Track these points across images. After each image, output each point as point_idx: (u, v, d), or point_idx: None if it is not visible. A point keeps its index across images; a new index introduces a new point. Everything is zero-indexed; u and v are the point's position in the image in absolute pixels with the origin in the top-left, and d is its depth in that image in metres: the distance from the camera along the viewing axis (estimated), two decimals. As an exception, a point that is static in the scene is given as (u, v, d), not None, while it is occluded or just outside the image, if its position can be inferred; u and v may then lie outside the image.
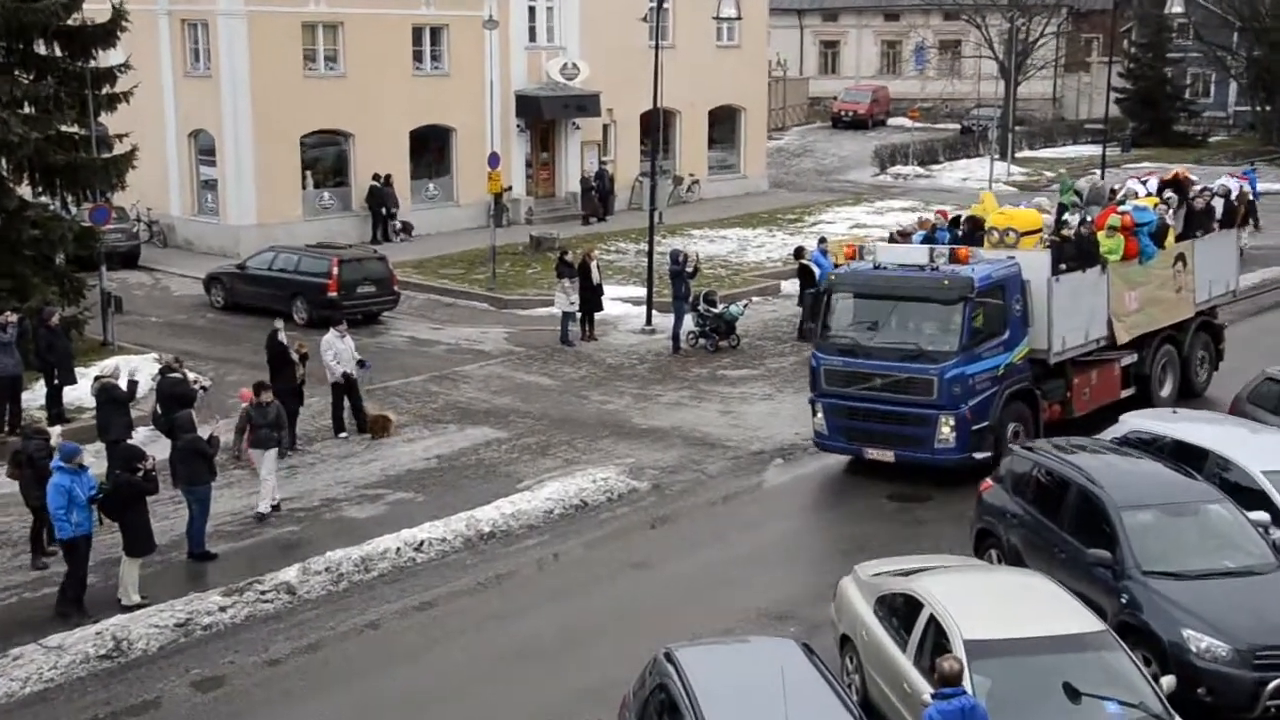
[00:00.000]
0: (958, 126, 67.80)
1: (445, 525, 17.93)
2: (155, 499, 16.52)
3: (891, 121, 71.50)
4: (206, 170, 37.97)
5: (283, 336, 21.39)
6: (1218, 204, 24.24)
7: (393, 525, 18.03)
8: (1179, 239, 22.43)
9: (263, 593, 16.02)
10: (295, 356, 21.32)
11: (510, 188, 41.23)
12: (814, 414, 19.75)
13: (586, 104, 42.89)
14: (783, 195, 50.45)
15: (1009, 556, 15.24)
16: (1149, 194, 23.98)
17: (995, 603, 12.13)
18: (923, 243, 21.61)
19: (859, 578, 13.59)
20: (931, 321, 18.80)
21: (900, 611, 12.37)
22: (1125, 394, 21.34)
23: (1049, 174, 56.34)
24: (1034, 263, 19.59)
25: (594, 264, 28.52)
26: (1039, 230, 20.77)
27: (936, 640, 11.53)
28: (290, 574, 16.36)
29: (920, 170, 56.47)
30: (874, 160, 58.45)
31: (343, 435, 22.11)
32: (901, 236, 23.17)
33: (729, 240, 39.66)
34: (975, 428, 18.63)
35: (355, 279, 29.60)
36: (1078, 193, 24.90)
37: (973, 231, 21.46)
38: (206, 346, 28.02)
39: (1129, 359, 21.53)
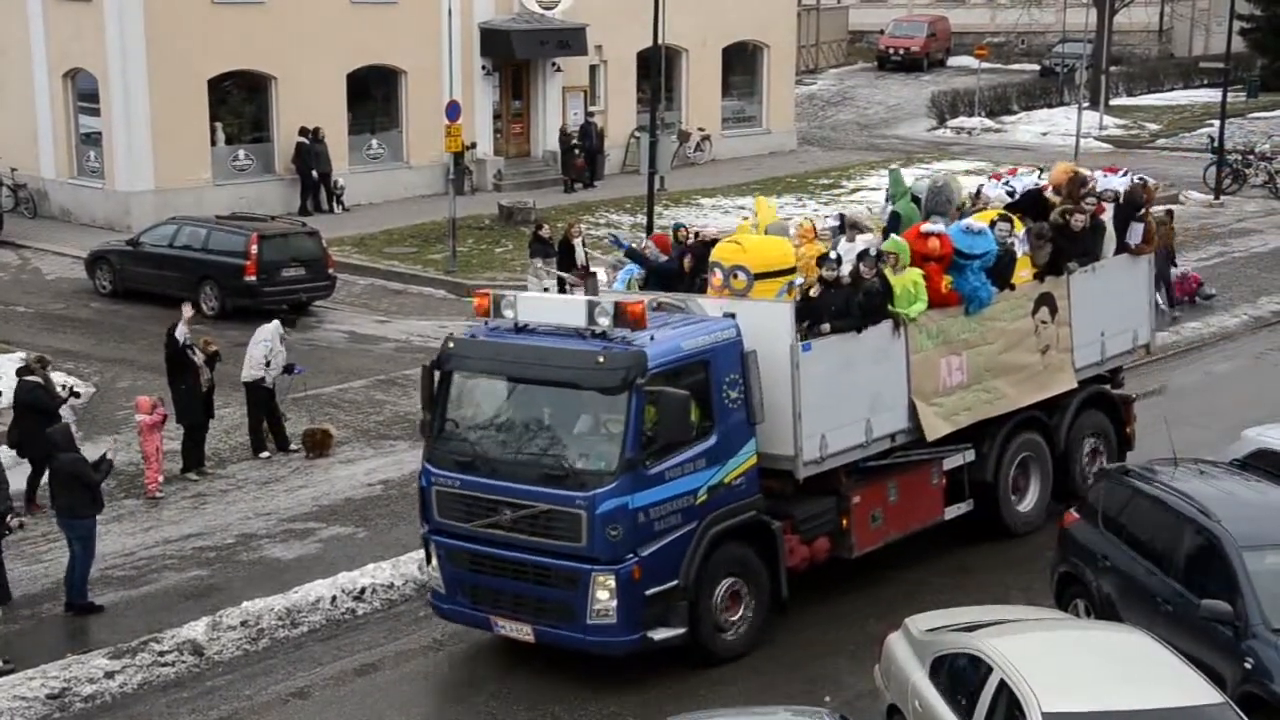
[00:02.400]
0: (1037, 67, 67.98)
1: (393, 568, 17.95)
2: (19, 536, 16.53)
3: (952, 61, 71.71)
4: (87, 121, 38.02)
5: (183, 331, 21.41)
6: (1106, 215, 19.81)
7: (327, 568, 18.03)
8: (1045, 273, 18.85)
9: (161, 654, 16.00)
10: (199, 356, 21.33)
11: (474, 145, 41.30)
12: (428, 560, 16.12)
13: (569, 40, 42.95)
14: (815, 155, 50.56)
15: (1100, 608, 15.26)
16: (1012, 199, 19.94)
17: (1082, 666, 12.15)
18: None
19: (911, 634, 13.62)
20: (583, 421, 15.34)
21: (963, 676, 12.39)
22: (954, 512, 18.25)
23: (1153, 126, 56.50)
24: (767, 322, 15.96)
25: (578, 240, 28.58)
26: (789, 270, 16.92)
27: (1008, 713, 11.54)
28: (197, 630, 16.34)
29: (989, 123, 56.60)
30: (930, 110, 58.59)
31: (264, 455, 22.16)
32: (852, 228, 19.52)
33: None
34: (653, 592, 14.90)
35: (279, 259, 29.64)
36: (915, 196, 19.80)
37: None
38: (91, 344, 28.03)
39: (958, 459, 18.21)
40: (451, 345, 16.12)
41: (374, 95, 41.19)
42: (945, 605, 15.23)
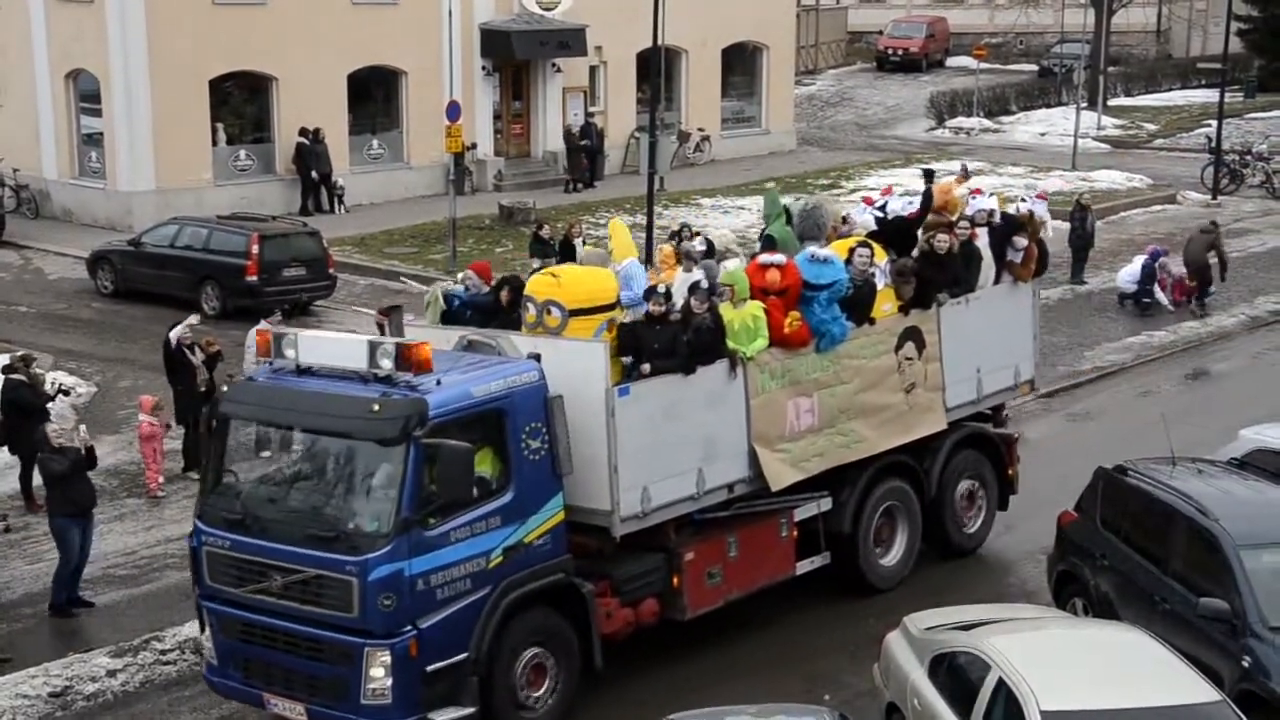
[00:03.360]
0: (1035, 68, 67.94)
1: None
2: (22, 535, 16.44)
3: (951, 62, 71.66)
4: (89, 122, 37.97)
5: (178, 333, 21.37)
6: (981, 240, 18.24)
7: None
8: (912, 304, 17.33)
9: (163, 653, 16.04)
10: (197, 357, 21.29)
11: (474, 146, 41.26)
12: (201, 628, 14.60)
13: (569, 41, 42.92)
14: (814, 155, 50.54)
15: (1098, 606, 15.27)
16: (883, 216, 18.46)
17: (1081, 665, 12.16)
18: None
19: (910, 632, 13.63)
20: (358, 476, 13.85)
21: (962, 675, 12.40)
22: (807, 567, 16.83)
23: (1150, 127, 56.50)
24: (579, 364, 14.55)
25: (579, 241, 28.57)
26: (609, 306, 15.36)
27: (1007, 711, 11.55)
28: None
29: (987, 123, 56.59)
30: (929, 111, 58.57)
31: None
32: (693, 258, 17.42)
33: (747, 211, 39.68)
34: (436, 668, 13.44)
35: (280, 259, 29.61)
36: (787, 214, 18.44)
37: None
38: (93, 343, 28.03)
39: (812, 508, 16.72)
40: (226, 389, 15.14)
41: (374, 96, 41.15)
42: (944, 604, 15.23)
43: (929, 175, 20.01)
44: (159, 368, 22.82)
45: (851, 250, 16.71)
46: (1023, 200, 19.95)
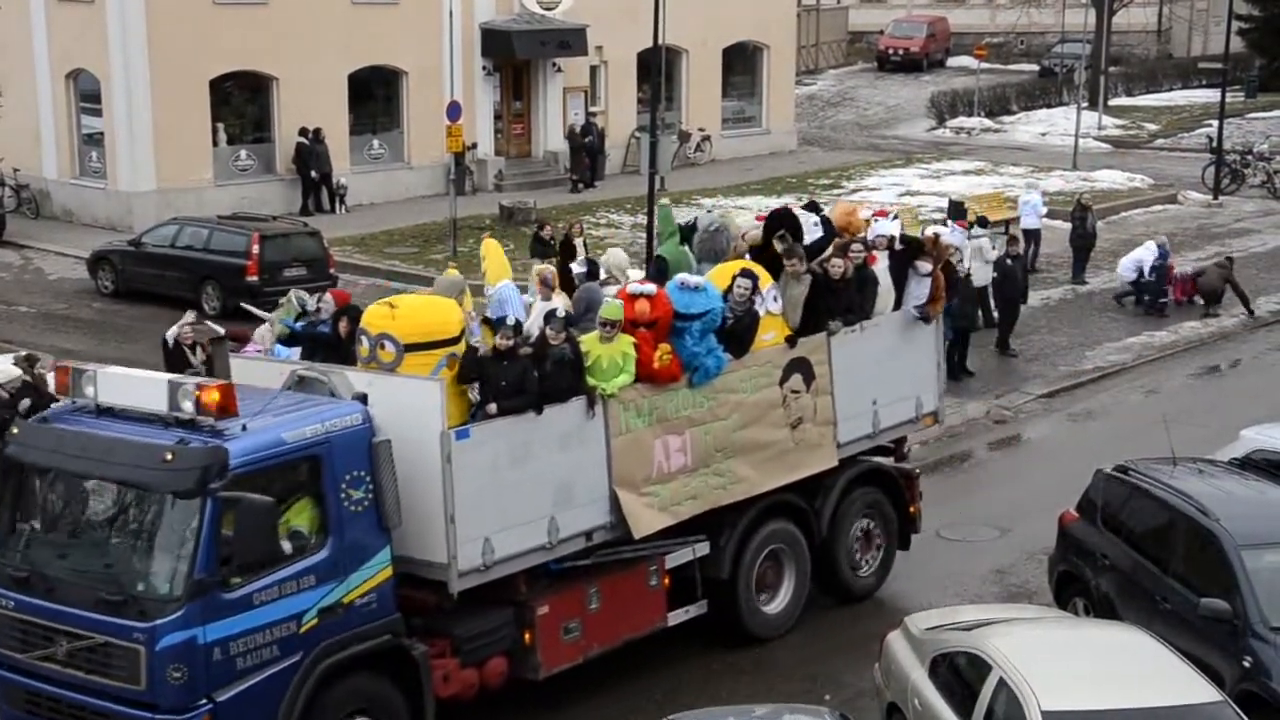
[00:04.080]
0: (1036, 67, 67.92)
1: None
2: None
3: (952, 62, 71.63)
4: (90, 122, 37.98)
5: (174, 332, 21.34)
6: (880, 265, 17.03)
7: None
8: (800, 334, 16.08)
9: None
10: (197, 357, 21.26)
11: (474, 146, 41.26)
12: None
13: (570, 40, 42.91)
14: (815, 155, 50.52)
15: (1099, 606, 15.28)
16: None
17: (1081, 665, 12.15)
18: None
19: (910, 632, 13.62)
20: (151, 532, 12.54)
21: (962, 675, 12.40)
22: (680, 617, 15.58)
23: (1151, 126, 56.49)
24: (413, 404, 13.33)
25: (579, 241, 28.54)
26: (452, 340, 13.94)
27: (1007, 711, 11.56)
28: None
29: (988, 123, 56.59)
30: (930, 111, 58.55)
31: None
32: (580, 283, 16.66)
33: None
34: None
35: (281, 259, 29.63)
36: (684, 233, 17.16)
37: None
38: (93, 344, 28.02)
39: (686, 554, 15.41)
40: (15, 431, 13.55)
41: (375, 96, 41.13)
42: (944, 604, 15.24)
43: (814, 207, 18.39)
44: (159, 368, 22.77)
45: (732, 278, 15.36)
46: (943, 225, 18.96)
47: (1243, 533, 13.96)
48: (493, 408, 13.63)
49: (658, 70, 35.44)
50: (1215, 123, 45.25)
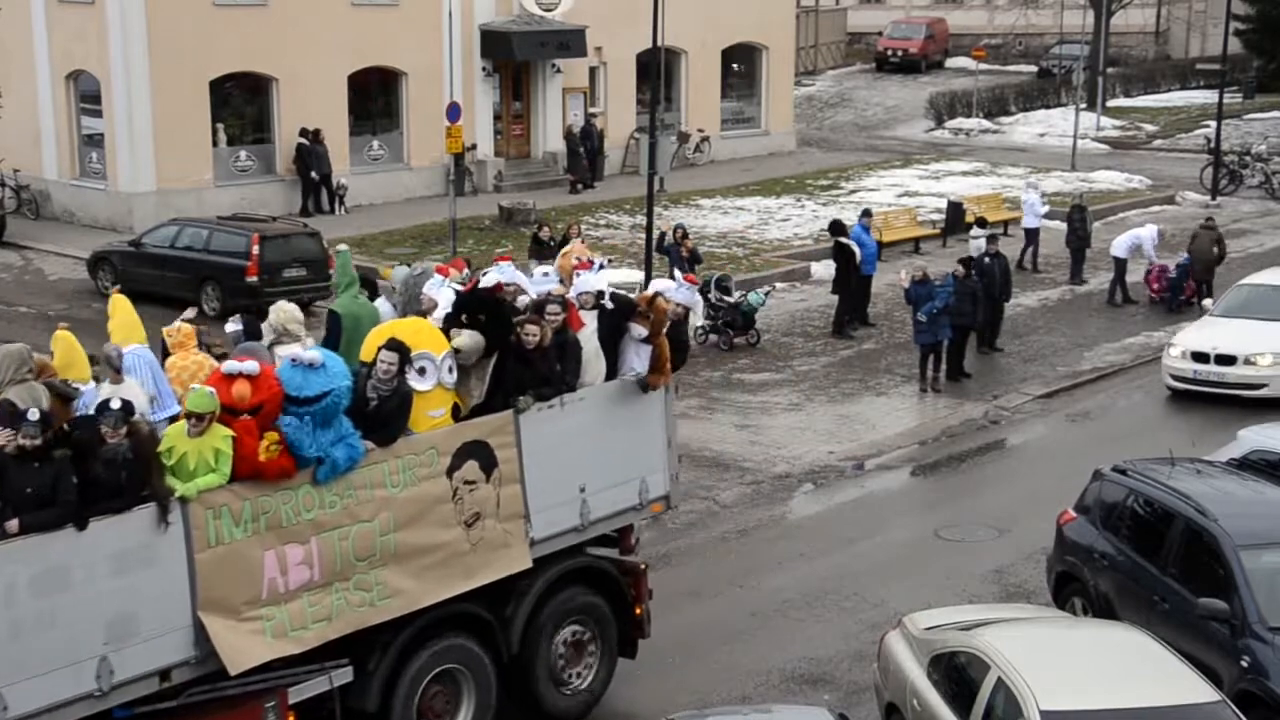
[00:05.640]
0: (1034, 68, 67.98)
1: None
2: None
3: (950, 63, 71.71)
4: (90, 123, 37.97)
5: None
6: (588, 329, 14.27)
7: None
8: (482, 411, 13.44)
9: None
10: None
11: (474, 147, 41.27)
12: None
13: (569, 41, 42.93)
14: (814, 156, 50.54)
15: (1097, 606, 15.28)
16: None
17: (1080, 664, 12.15)
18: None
19: (909, 632, 13.61)
20: None
21: (961, 674, 12.39)
22: None
23: (1149, 127, 56.51)
24: None
25: (578, 241, 28.51)
26: None
27: (1006, 711, 11.55)
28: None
29: (987, 124, 56.67)
30: (928, 112, 58.61)
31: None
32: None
33: (747, 212, 39.75)
34: None
35: (281, 260, 29.63)
36: (364, 283, 15.14)
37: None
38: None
39: (321, 684, 12.52)
40: None
41: (375, 96, 41.15)
42: (945, 603, 15.24)
43: (541, 247, 16.12)
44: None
45: (377, 350, 12.71)
46: (670, 279, 16.02)
47: (1241, 533, 13.96)
48: (13, 524, 10.77)
49: (657, 71, 35.43)
50: (1213, 123, 45.34)
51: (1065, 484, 17.80)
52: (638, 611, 14.91)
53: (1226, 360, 24.36)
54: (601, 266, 15.22)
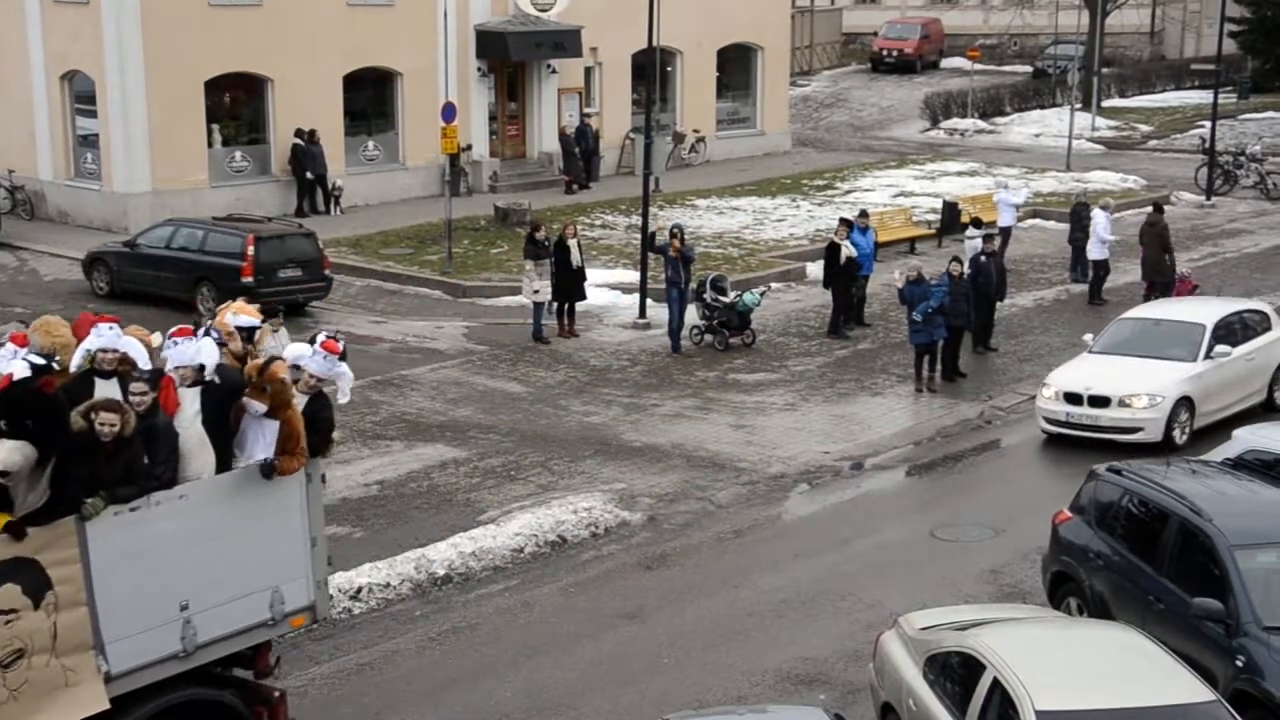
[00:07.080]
0: (1030, 69, 68.05)
1: (389, 567, 17.95)
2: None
3: (945, 63, 71.77)
4: (85, 123, 37.97)
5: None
6: (188, 411, 12.10)
7: (322, 568, 17.99)
8: (35, 519, 10.83)
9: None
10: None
11: (470, 147, 41.30)
12: None
13: (564, 42, 42.97)
14: (809, 156, 50.59)
15: (1092, 606, 15.30)
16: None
17: (1075, 665, 12.17)
18: None
19: (905, 632, 13.63)
20: None
21: (956, 674, 12.41)
22: None
23: (1144, 128, 56.60)
24: None
25: (573, 242, 28.55)
26: None
27: (1002, 711, 11.56)
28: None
29: (982, 124, 56.74)
30: (923, 112, 58.71)
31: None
32: None
33: (742, 212, 39.78)
34: None
35: (276, 260, 29.61)
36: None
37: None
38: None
39: None
40: None
41: (370, 97, 41.18)
42: (940, 603, 15.26)
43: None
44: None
45: None
46: (307, 344, 13.61)
47: (1235, 532, 13.98)
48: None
49: (652, 72, 35.44)
50: (1208, 124, 45.37)
51: (1060, 484, 17.84)
52: None
53: (1100, 402, 22.14)
54: (208, 332, 12.85)
